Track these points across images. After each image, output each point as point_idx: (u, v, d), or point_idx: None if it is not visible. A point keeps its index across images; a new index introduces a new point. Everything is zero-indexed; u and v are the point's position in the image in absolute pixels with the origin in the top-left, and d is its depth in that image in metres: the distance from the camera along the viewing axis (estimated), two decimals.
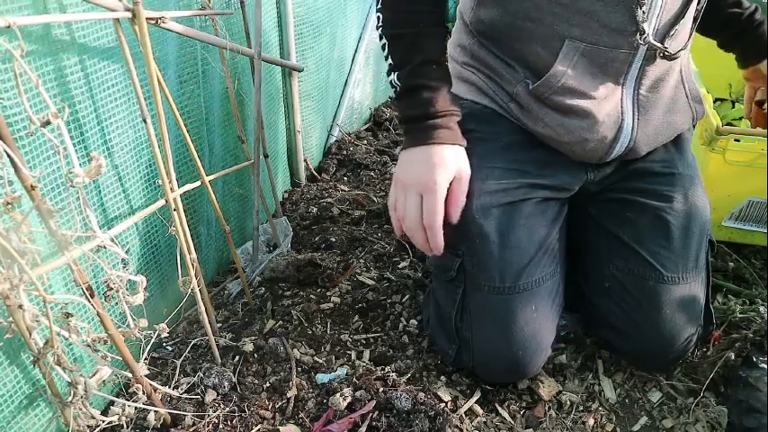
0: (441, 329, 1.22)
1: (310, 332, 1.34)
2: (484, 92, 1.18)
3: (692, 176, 1.20)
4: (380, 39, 1.11)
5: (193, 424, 1.09)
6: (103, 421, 0.91)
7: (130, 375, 0.96)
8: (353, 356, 1.27)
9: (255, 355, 1.26)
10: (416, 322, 1.36)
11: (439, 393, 1.17)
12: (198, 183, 1.14)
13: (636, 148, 1.12)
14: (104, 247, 0.82)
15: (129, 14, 0.86)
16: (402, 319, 1.38)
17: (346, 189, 2.00)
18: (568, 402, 1.18)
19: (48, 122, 0.71)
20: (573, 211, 1.23)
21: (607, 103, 1.08)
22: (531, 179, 1.14)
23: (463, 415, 1.14)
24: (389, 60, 1.11)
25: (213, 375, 1.17)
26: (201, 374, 1.18)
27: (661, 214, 1.16)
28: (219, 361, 1.23)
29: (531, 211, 1.14)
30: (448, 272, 1.15)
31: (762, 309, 1.28)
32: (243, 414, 1.12)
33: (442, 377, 1.22)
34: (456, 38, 1.25)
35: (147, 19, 0.89)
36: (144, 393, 0.97)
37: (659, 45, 1.04)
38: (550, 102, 1.08)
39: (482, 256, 1.12)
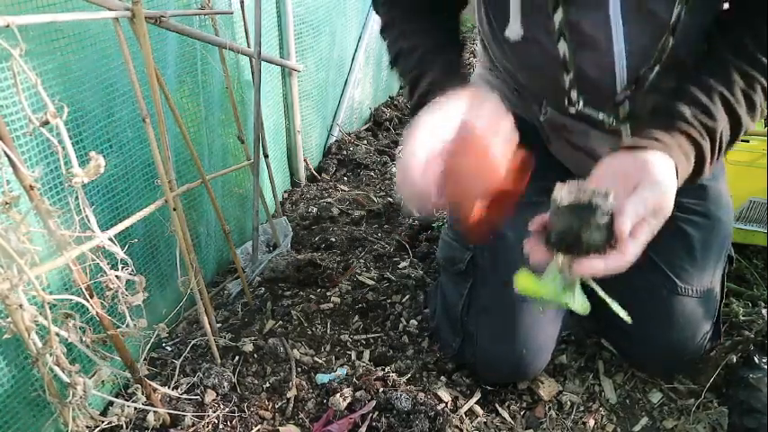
0: (446, 321, 1.22)
1: (310, 332, 1.33)
2: (507, 97, 1.18)
3: (718, 190, 1.15)
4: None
5: (193, 424, 1.09)
6: (103, 422, 0.91)
7: (130, 376, 0.96)
8: (353, 357, 1.27)
9: (255, 356, 1.25)
10: (416, 322, 1.36)
11: (439, 394, 1.16)
12: (197, 182, 1.13)
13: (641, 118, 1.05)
14: (103, 247, 0.82)
15: (128, 14, 0.85)
16: (402, 319, 1.37)
17: (346, 189, 2.00)
18: (569, 403, 1.17)
19: (46, 122, 0.70)
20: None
21: (611, 142, 1.03)
22: (549, 184, 1.14)
23: (463, 415, 1.14)
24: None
25: (213, 376, 1.17)
26: (201, 375, 1.18)
27: (681, 225, 1.12)
28: (219, 361, 1.22)
29: None
30: (457, 264, 1.15)
31: (764, 311, 1.27)
32: (242, 414, 1.12)
33: (442, 377, 1.22)
34: (480, 45, 1.25)
35: (146, 18, 0.89)
36: (143, 394, 0.97)
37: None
38: (560, 132, 1.08)
39: (494, 252, 1.12)
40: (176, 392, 1.12)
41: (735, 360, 1.16)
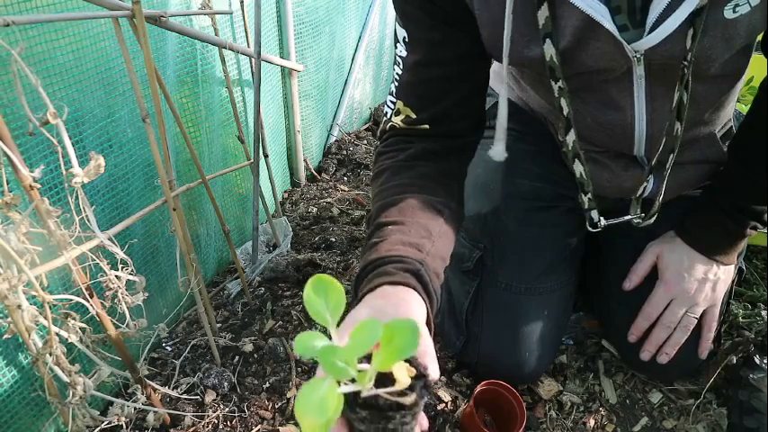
0: (451, 319, 1.21)
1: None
2: (524, 99, 1.18)
3: None
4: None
5: (193, 424, 1.09)
6: (102, 422, 0.91)
7: (130, 376, 0.96)
8: None
9: (255, 356, 1.25)
10: None
11: (439, 393, 1.16)
12: (197, 182, 1.13)
13: (660, 195, 1.04)
14: (103, 247, 0.82)
15: (128, 14, 0.85)
16: None
17: (346, 189, 2.00)
18: (569, 403, 1.17)
19: (47, 122, 0.70)
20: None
21: (623, 161, 1.05)
22: (562, 190, 1.14)
23: None
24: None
25: (213, 376, 1.17)
26: (201, 375, 1.18)
27: None
28: (219, 361, 1.22)
29: (559, 219, 1.14)
30: (465, 262, 1.15)
31: (764, 313, 1.27)
32: (242, 414, 1.12)
33: (442, 377, 1.21)
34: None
35: (146, 18, 0.88)
36: (143, 394, 0.97)
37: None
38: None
39: (504, 254, 1.12)
40: (176, 392, 1.12)
41: (735, 361, 1.16)
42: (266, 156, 1.56)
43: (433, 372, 0.57)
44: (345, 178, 2.08)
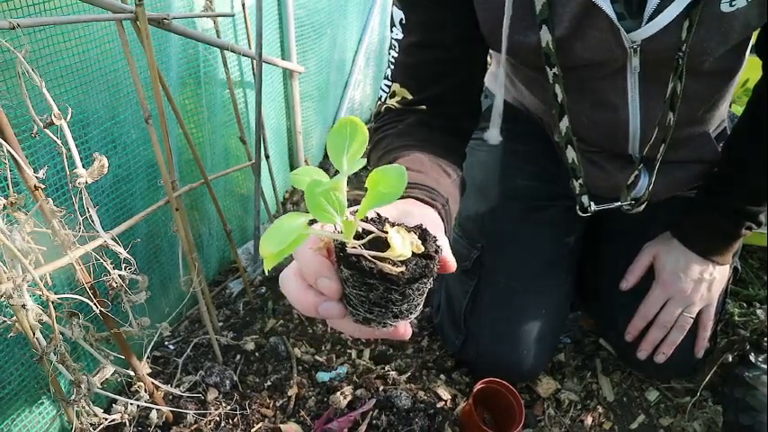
0: (449, 318, 1.23)
1: (311, 331, 1.34)
2: (519, 100, 1.19)
3: None
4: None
5: (195, 422, 1.10)
6: (106, 419, 0.92)
7: (133, 374, 0.97)
8: (354, 355, 1.28)
9: (257, 354, 1.27)
10: (416, 321, 1.37)
11: (438, 392, 1.18)
12: (200, 182, 1.14)
13: (653, 194, 1.04)
14: (107, 247, 0.83)
15: (131, 16, 0.86)
16: None
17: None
18: (567, 401, 1.18)
19: (51, 123, 0.72)
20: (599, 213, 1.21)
21: (619, 162, 1.05)
22: (558, 189, 1.15)
23: None
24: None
25: (215, 374, 1.18)
26: (203, 373, 1.19)
27: None
28: (221, 360, 1.23)
29: (555, 218, 1.15)
30: (463, 262, 1.16)
31: (759, 312, 1.28)
32: (244, 412, 1.13)
33: (442, 375, 1.23)
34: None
35: (149, 20, 0.90)
36: (146, 392, 0.98)
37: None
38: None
39: (502, 253, 1.13)
40: (179, 390, 1.13)
41: (730, 359, 1.17)
42: (268, 156, 1.57)
43: (448, 258, 0.51)
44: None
